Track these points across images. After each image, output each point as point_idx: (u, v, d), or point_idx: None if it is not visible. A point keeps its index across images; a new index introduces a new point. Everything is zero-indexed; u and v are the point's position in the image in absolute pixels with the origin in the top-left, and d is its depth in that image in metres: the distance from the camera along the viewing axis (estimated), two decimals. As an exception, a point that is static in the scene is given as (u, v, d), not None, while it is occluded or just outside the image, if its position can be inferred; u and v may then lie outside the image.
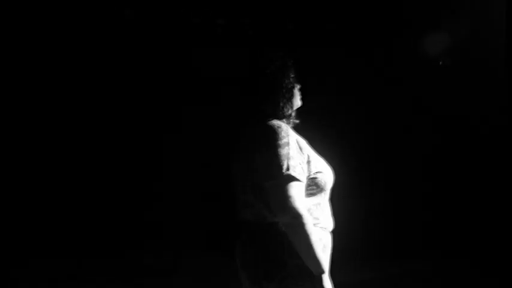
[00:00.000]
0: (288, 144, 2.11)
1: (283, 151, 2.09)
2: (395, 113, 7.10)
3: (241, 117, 2.26)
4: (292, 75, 2.28)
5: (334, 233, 2.34)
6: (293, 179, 2.07)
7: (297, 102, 2.33)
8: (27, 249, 6.38)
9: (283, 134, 2.13)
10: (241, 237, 2.24)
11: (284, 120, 2.25)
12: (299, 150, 2.16)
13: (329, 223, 2.28)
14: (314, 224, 2.16)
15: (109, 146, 6.92)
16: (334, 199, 2.34)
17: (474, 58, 6.84)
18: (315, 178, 2.20)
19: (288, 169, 2.07)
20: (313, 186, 2.20)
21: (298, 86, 2.33)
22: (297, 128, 2.37)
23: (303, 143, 2.24)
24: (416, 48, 6.93)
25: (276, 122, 2.17)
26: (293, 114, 2.31)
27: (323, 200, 2.25)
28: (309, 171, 2.18)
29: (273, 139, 2.11)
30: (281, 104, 2.24)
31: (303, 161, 2.15)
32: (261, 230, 2.17)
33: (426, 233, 6.86)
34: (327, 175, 2.25)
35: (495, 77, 6.63)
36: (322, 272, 2.10)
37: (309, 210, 2.16)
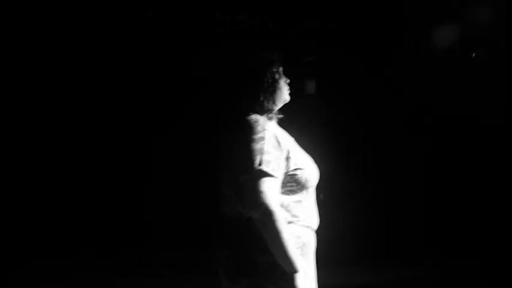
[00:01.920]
0: (263, 139, 2.08)
1: (257, 146, 2.06)
2: (394, 112, 7.09)
3: (223, 113, 2.24)
4: (275, 70, 2.24)
5: (334, 235, 2.30)
6: (265, 174, 2.03)
7: (283, 97, 2.30)
8: (27, 249, 6.41)
9: (259, 128, 2.10)
10: (219, 232, 2.23)
11: (265, 115, 2.22)
12: (277, 145, 2.11)
13: (312, 221, 2.23)
14: (293, 222, 2.14)
15: (110, 146, 6.94)
16: (331, 199, 2.31)
17: (474, 58, 6.82)
18: (295, 175, 2.15)
19: (260, 164, 2.03)
20: (293, 183, 2.16)
21: (285, 81, 2.30)
22: (289, 123, 2.35)
23: (285, 138, 2.21)
24: (415, 48, 6.92)
25: (253, 117, 2.15)
26: (275, 108, 2.27)
27: (305, 198, 2.21)
28: (288, 167, 2.13)
29: (248, 133, 2.09)
30: (261, 99, 2.20)
31: (280, 156, 2.10)
32: (236, 225, 2.15)
33: (425, 233, 6.84)
34: (308, 172, 2.20)
35: (495, 77, 6.61)
36: (295, 271, 2.06)
37: (287, 207, 2.14)
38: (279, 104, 2.29)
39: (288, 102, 2.35)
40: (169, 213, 6.84)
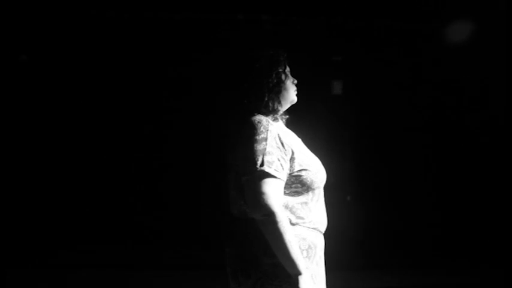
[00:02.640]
0: (265, 139, 2.07)
1: (260, 146, 2.06)
2: (397, 113, 7.02)
3: (231, 114, 2.21)
4: (281, 70, 2.22)
5: (352, 239, 2.25)
6: (267, 175, 2.03)
7: (290, 98, 2.26)
8: (35, 244, 6.53)
9: (262, 129, 2.09)
10: (227, 232, 2.22)
11: (271, 115, 2.19)
12: (280, 146, 2.10)
13: (319, 223, 2.20)
14: (297, 224, 2.11)
15: (118, 144, 6.98)
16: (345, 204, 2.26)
17: (474, 57, 6.74)
18: (299, 176, 2.13)
19: (262, 165, 2.03)
20: (298, 184, 2.13)
21: (292, 81, 2.27)
22: (297, 125, 2.33)
23: (290, 139, 2.19)
24: (415, 46, 6.87)
25: (257, 117, 2.14)
26: (281, 109, 2.24)
27: (311, 200, 2.17)
28: (292, 168, 2.12)
29: (251, 134, 2.08)
30: (266, 99, 2.18)
31: (283, 157, 2.09)
32: (242, 226, 2.15)
33: (442, 239, 6.78)
34: (314, 173, 2.17)
35: (495, 76, 6.56)
36: (298, 273, 2.03)
37: (291, 208, 2.12)
38: (285, 105, 2.27)
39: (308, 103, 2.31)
40: (179, 212, 6.86)
